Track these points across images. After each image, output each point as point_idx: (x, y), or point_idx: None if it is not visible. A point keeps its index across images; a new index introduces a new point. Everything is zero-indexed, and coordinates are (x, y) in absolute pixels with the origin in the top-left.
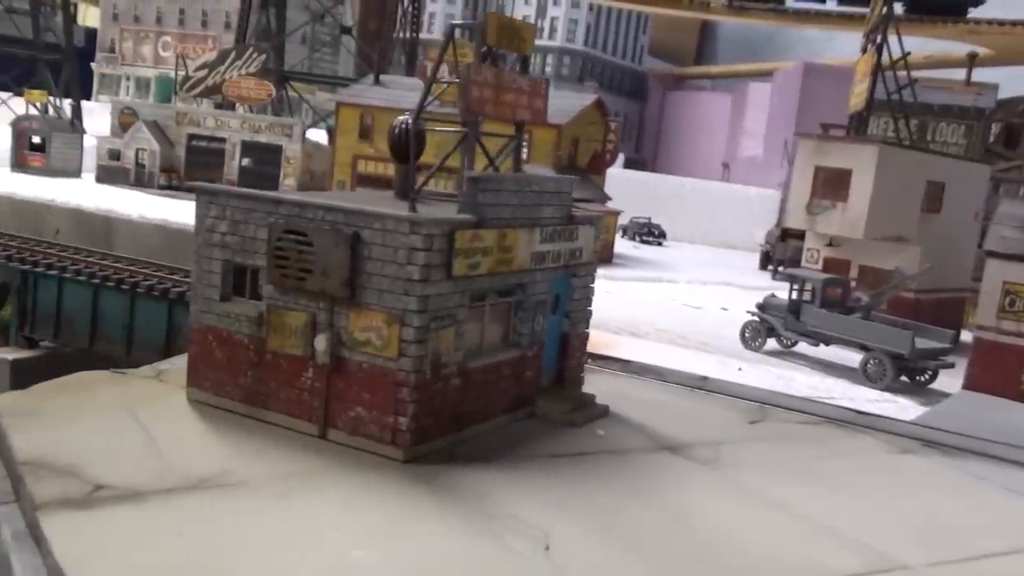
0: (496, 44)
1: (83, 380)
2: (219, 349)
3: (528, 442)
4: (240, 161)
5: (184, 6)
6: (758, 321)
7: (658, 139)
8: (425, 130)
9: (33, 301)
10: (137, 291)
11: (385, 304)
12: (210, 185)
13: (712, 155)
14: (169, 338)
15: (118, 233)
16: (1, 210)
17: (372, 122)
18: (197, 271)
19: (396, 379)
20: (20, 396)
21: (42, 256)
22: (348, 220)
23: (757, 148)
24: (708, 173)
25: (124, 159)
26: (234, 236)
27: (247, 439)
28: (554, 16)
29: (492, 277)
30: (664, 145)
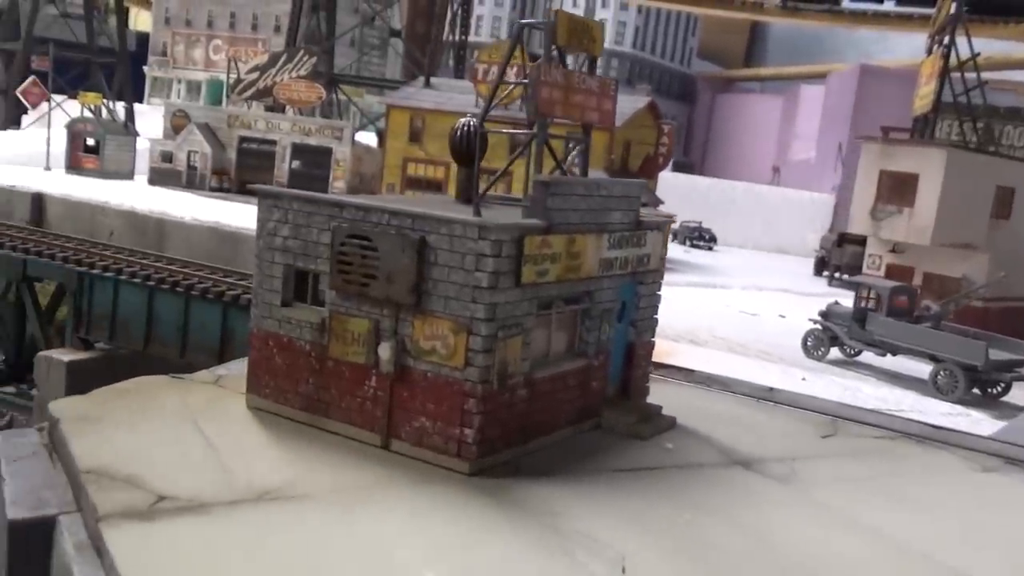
0: (566, 44)
1: (142, 385)
2: (280, 355)
3: (595, 455)
4: (290, 164)
5: (235, 10)
6: (821, 329)
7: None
8: (490, 132)
9: (89, 303)
10: (192, 294)
11: (451, 312)
12: (272, 188)
13: (762, 158)
14: (223, 341)
15: (171, 235)
16: (56, 211)
17: (422, 125)
18: (258, 275)
19: (462, 389)
20: (80, 401)
21: (98, 258)
22: (414, 224)
23: (809, 152)
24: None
25: (176, 161)
26: (296, 240)
27: (309, 449)
28: (602, 18)
29: (560, 284)
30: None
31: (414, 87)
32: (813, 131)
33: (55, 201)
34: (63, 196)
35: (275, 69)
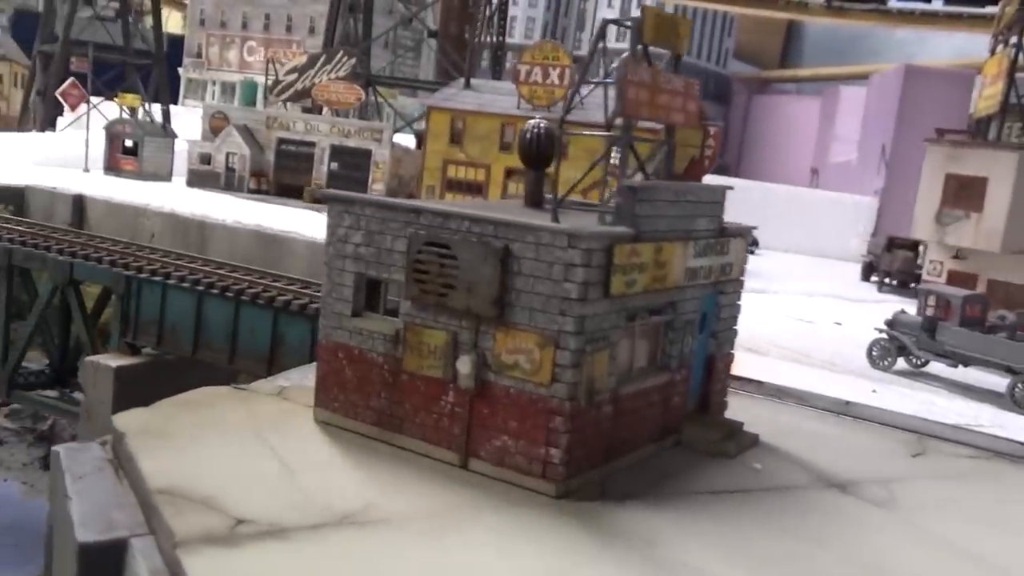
0: (653, 41)
1: (206, 397)
2: (350, 368)
3: (682, 475)
4: (329, 165)
5: (269, 11)
6: (887, 339)
7: (742, 144)
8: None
9: (136, 307)
10: (242, 299)
11: (537, 324)
12: (344, 193)
13: (799, 160)
14: (273, 347)
15: (213, 238)
16: (97, 213)
17: (463, 127)
18: (327, 284)
19: (548, 407)
20: (144, 414)
21: (146, 262)
22: (497, 232)
23: (850, 154)
24: (794, 179)
25: (215, 163)
26: (369, 248)
27: (384, 467)
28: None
29: (646, 295)
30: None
31: (454, 88)
32: (854, 133)
33: (96, 203)
34: (104, 198)
35: (314, 70)
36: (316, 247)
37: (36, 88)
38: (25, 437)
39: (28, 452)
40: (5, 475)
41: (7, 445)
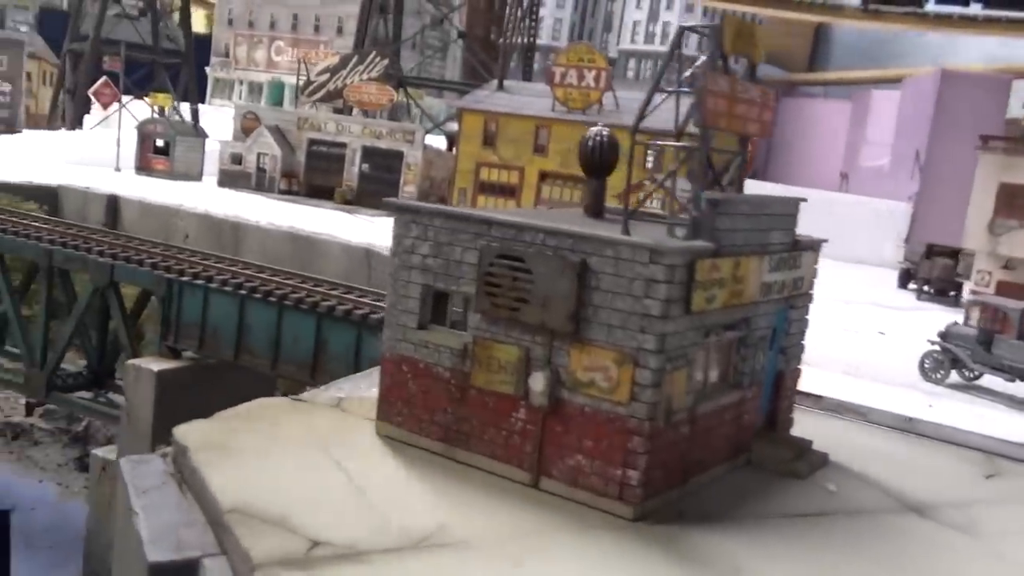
0: (732, 50)
1: (265, 409)
2: (415, 382)
3: (756, 497)
4: (360, 167)
5: (297, 11)
6: (940, 351)
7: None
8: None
9: (178, 310)
10: (285, 304)
11: (615, 341)
12: (411, 203)
13: (828, 165)
14: (316, 353)
15: (246, 239)
16: (131, 214)
17: (496, 129)
18: (392, 296)
19: (626, 426)
20: (205, 427)
21: (187, 265)
22: (574, 245)
23: (882, 158)
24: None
25: (246, 163)
26: (436, 259)
27: (453, 485)
28: (666, 21)
29: (724, 311)
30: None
31: (487, 90)
32: (886, 137)
33: (130, 203)
34: (138, 199)
35: (346, 71)
36: (351, 250)
37: (66, 86)
38: (60, 438)
39: (63, 453)
40: (40, 476)
41: (42, 446)
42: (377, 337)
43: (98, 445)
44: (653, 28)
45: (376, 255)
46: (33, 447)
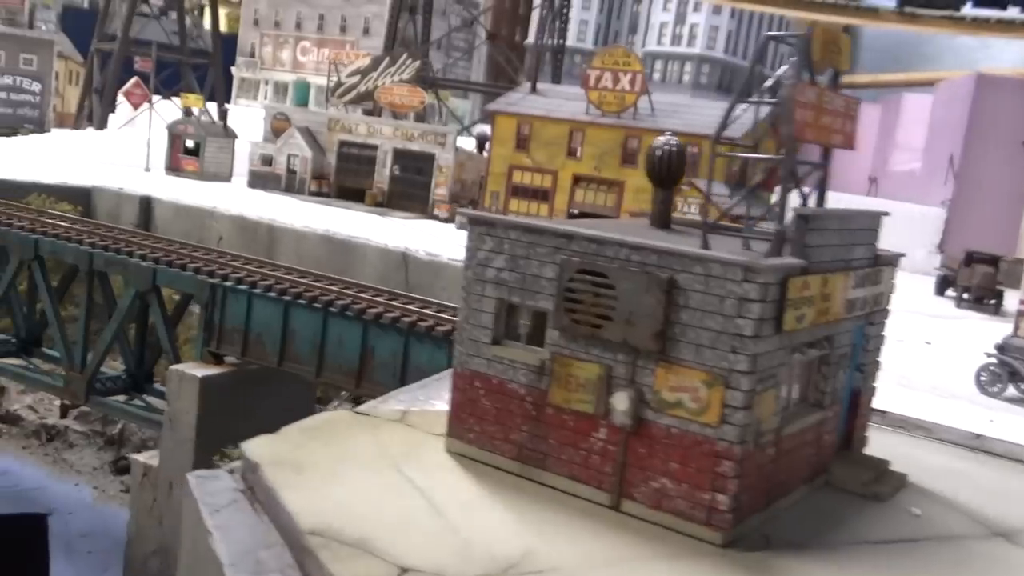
0: (821, 59)
1: (330, 424)
2: (488, 398)
3: (841, 521)
4: (391, 169)
5: (323, 12)
6: (997, 364)
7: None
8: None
9: (221, 316)
10: (330, 310)
11: (705, 361)
12: (486, 215)
13: (856, 169)
14: (363, 361)
15: (281, 241)
16: (164, 215)
17: (529, 132)
18: (464, 309)
19: (715, 449)
20: (272, 443)
21: (231, 270)
22: (661, 261)
23: (913, 163)
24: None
25: (276, 165)
26: (512, 273)
27: (532, 507)
28: (694, 23)
29: (811, 330)
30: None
31: (520, 93)
32: (918, 141)
33: (163, 205)
34: (171, 200)
35: (377, 73)
36: (388, 254)
37: (93, 86)
38: (94, 440)
39: (98, 456)
40: (76, 479)
41: (76, 448)
42: (424, 345)
43: (133, 448)
44: (680, 30)
45: (413, 259)
46: (68, 449)
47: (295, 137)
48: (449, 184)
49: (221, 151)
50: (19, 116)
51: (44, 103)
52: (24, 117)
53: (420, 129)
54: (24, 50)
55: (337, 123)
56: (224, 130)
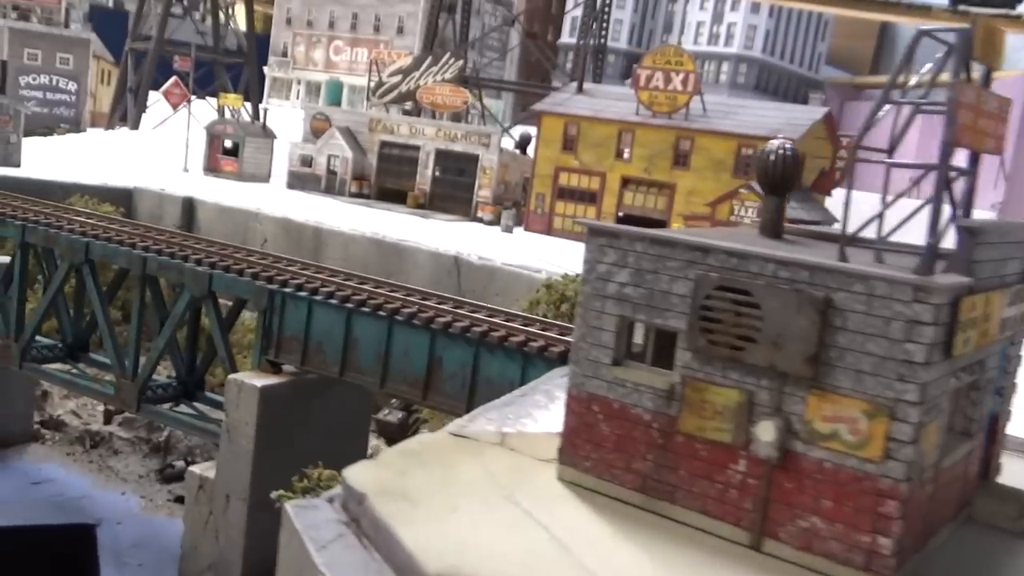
0: (983, 57)
1: (431, 447)
2: (607, 424)
3: (1004, 565)
4: (433, 170)
5: (357, 11)
6: None
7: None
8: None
9: (279, 323)
10: (396, 318)
11: (866, 390)
12: (609, 225)
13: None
14: (429, 371)
15: (328, 244)
16: (207, 216)
17: (577, 133)
18: (581, 327)
19: (877, 487)
20: (375, 470)
21: (289, 275)
22: (815, 279)
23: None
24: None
25: (316, 166)
26: (638, 288)
27: (663, 545)
28: (732, 22)
29: (971, 354)
30: None
31: (566, 93)
32: None
33: (206, 206)
34: (213, 201)
35: (419, 72)
36: (439, 258)
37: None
38: (139, 447)
39: (143, 463)
40: (122, 487)
41: (121, 455)
42: (495, 356)
43: (179, 456)
44: (717, 29)
45: (465, 263)
46: (113, 456)
47: (336, 137)
48: (493, 186)
49: (260, 151)
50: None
51: (80, 103)
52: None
53: (464, 130)
54: (60, 49)
55: (379, 123)
56: (263, 130)
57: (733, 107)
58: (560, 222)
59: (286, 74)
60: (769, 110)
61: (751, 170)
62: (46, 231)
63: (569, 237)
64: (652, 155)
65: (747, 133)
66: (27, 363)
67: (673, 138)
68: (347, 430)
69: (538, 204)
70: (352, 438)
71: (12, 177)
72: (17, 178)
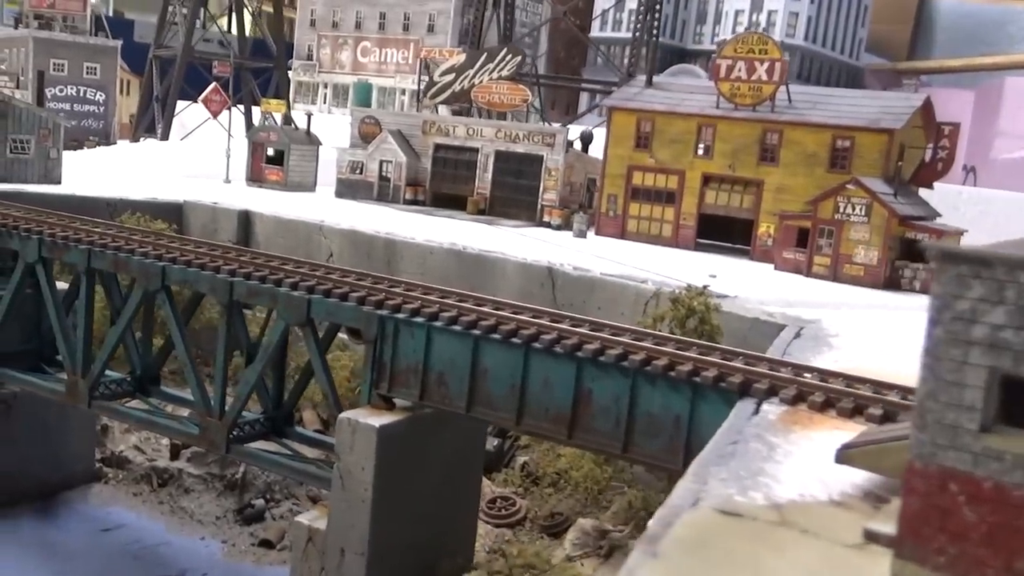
0: None
1: (714, 536)
2: (973, 509)
3: None
4: (493, 173)
5: (384, 10)
6: None
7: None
8: None
9: (393, 353)
10: (533, 346)
11: None
12: (970, 249)
13: None
14: (576, 406)
15: (404, 257)
16: (266, 230)
17: (651, 129)
18: (930, 381)
19: None
20: (660, 570)
21: (402, 299)
22: None
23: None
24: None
25: (367, 172)
26: (1021, 332)
27: None
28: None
29: None
30: None
31: (635, 87)
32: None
33: (264, 219)
34: (271, 213)
35: (473, 70)
36: (529, 270)
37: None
38: (212, 485)
39: (218, 503)
40: (201, 532)
41: (193, 494)
42: (656, 388)
43: (256, 493)
44: (757, 17)
45: (560, 273)
46: (184, 496)
47: (388, 142)
48: (559, 188)
49: (305, 159)
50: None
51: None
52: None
53: (526, 129)
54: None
55: (432, 125)
56: (307, 136)
57: (821, 96)
58: (635, 225)
59: (312, 78)
60: (862, 98)
61: (849, 164)
62: (115, 255)
63: (644, 240)
64: (736, 150)
65: (842, 124)
66: (96, 401)
67: (759, 132)
68: (461, 466)
69: (610, 206)
70: (466, 474)
71: (55, 195)
72: (61, 195)
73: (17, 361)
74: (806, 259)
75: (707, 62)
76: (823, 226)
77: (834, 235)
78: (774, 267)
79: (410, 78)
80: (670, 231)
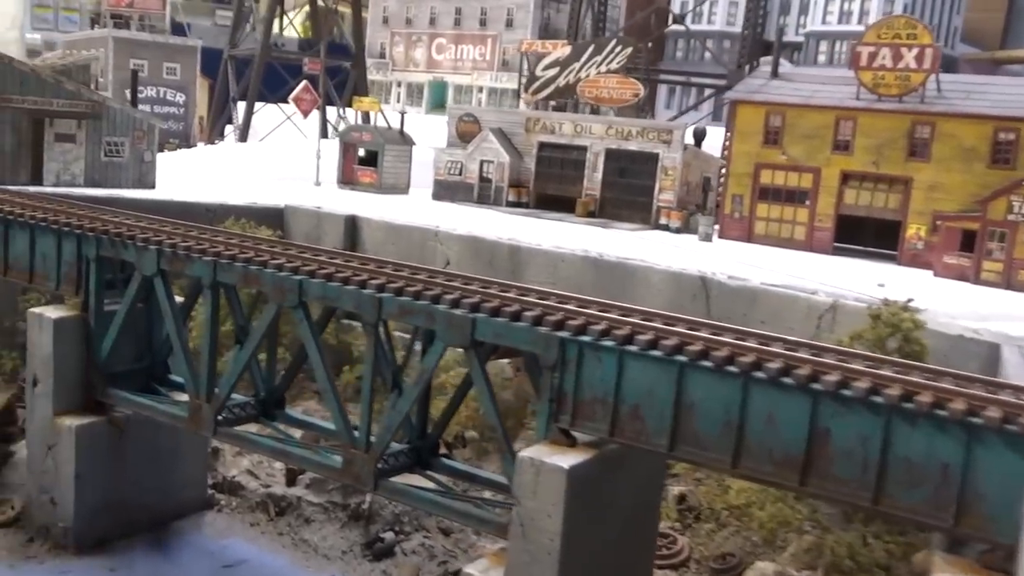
0: None
1: None
2: None
3: None
4: (603, 173)
5: (460, 5)
6: None
7: None
8: None
9: (575, 381)
10: (753, 376)
11: None
12: None
13: None
14: (810, 448)
15: (530, 266)
16: (375, 237)
17: (782, 123)
18: None
19: None
20: None
21: (583, 319)
22: None
23: None
24: None
25: (467, 173)
26: None
27: None
28: None
29: None
30: None
31: (760, 79)
32: None
33: (372, 225)
34: (380, 218)
35: (579, 64)
36: (679, 280)
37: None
38: (335, 515)
39: (343, 534)
40: (328, 568)
41: (314, 525)
42: (917, 428)
43: (384, 524)
44: (849, 6)
45: (715, 283)
46: (305, 527)
47: (489, 141)
48: (676, 188)
49: (399, 160)
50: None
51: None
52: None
53: (640, 125)
54: (167, 59)
55: (536, 123)
56: (402, 136)
57: (976, 84)
58: (763, 227)
59: (385, 76)
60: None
61: (1014, 158)
62: (245, 268)
63: (773, 244)
64: (880, 145)
65: (1007, 115)
66: (222, 427)
67: (907, 124)
68: (642, 509)
69: (735, 207)
70: (645, 517)
71: (152, 200)
72: (158, 201)
73: (129, 381)
74: (973, 265)
75: (792, 54)
76: (994, 228)
77: (1007, 238)
78: (933, 274)
79: (488, 75)
80: (803, 233)
